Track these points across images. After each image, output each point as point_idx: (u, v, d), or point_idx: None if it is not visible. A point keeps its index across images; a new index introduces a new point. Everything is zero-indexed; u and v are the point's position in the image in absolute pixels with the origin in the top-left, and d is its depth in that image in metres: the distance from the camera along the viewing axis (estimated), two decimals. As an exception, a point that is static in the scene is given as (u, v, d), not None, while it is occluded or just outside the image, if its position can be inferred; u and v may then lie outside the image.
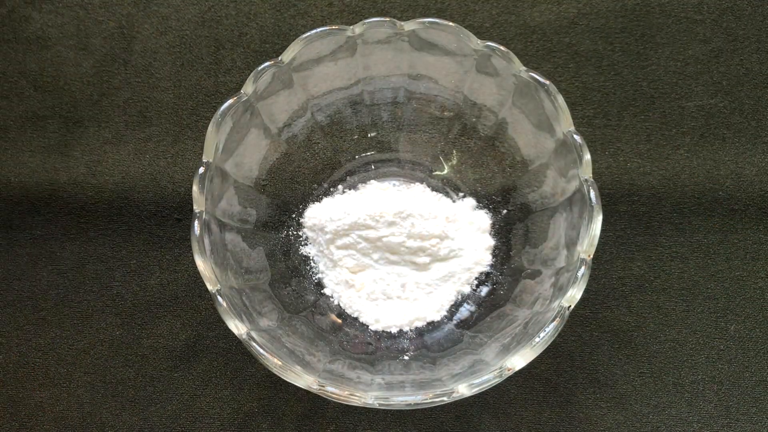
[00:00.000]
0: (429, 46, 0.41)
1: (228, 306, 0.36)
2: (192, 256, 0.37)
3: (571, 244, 0.39)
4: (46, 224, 0.48)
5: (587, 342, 0.46)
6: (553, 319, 0.36)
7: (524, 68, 0.39)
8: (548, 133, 0.40)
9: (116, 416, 0.45)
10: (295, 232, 0.47)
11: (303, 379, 0.35)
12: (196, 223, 0.37)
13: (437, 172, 0.48)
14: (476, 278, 0.45)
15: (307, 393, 0.44)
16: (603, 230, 0.45)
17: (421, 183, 0.48)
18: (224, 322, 0.36)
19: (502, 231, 0.46)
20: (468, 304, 0.45)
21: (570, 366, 0.46)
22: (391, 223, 0.44)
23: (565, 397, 0.46)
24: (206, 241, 0.37)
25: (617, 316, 0.46)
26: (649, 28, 0.50)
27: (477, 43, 0.40)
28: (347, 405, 0.36)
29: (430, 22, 0.40)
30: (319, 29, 0.39)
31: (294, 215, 0.47)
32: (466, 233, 0.45)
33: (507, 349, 0.38)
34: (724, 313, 0.47)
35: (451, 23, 0.40)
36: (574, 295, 0.36)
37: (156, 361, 0.46)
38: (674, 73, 0.49)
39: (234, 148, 0.41)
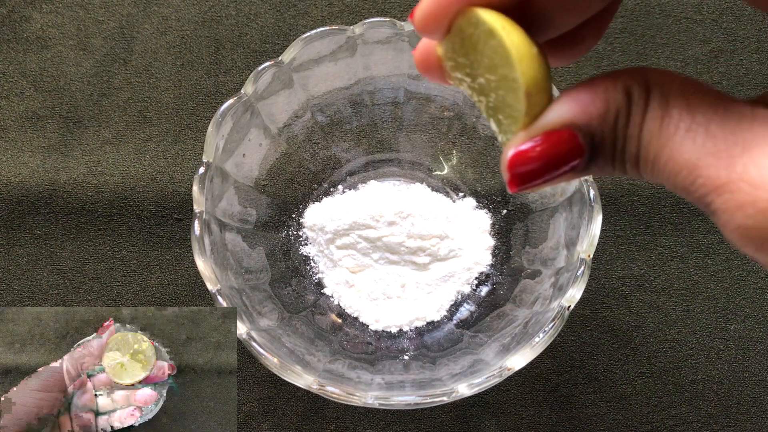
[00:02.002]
0: (429, 46, 0.41)
1: (228, 306, 0.36)
2: (192, 256, 0.37)
3: (571, 244, 0.39)
4: (46, 224, 0.48)
5: (587, 342, 0.46)
6: (553, 319, 0.36)
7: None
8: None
9: (116, 416, 0.46)
10: (295, 232, 0.47)
11: (303, 379, 0.35)
12: (196, 223, 0.37)
13: (437, 172, 0.48)
14: (476, 278, 0.45)
15: (307, 393, 0.44)
16: (603, 230, 0.45)
17: (421, 183, 0.48)
18: (224, 323, 0.36)
19: (502, 231, 0.46)
20: (468, 304, 0.45)
21: (570, 366, 0.46)
22: (391, 223, 0.44)
23: (565, 397, 0.46)
24: (206, 241, 0.37)
25: (617, 316, 0.46)
26: (649, 28, 0.50)
27: (477, 43, 0.40)
28: (347, 405, 0.36)
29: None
30: (319, 29, 0.39)
31: (294, 215, 0.47)
32: (466, 233, 0.46)
33: (507, 349, 0.38)
34: (723, 313, 0.47)
35: (451, 23, 0.40)
36: (574, 295, 0.36)
37: (156, 361, 0.46)
38: (674, 73, 0.49)
39: (234, 148, 0.41)
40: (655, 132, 0.17)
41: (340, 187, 0.48)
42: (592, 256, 0.37)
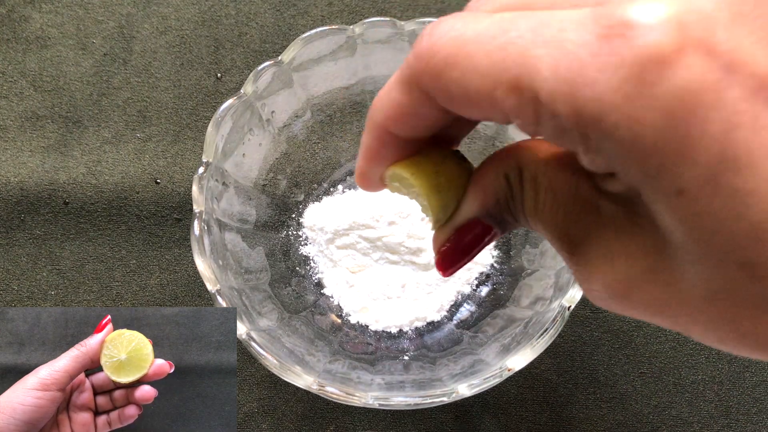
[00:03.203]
0: (429, 46, 0.41)
1: (228, 306, 0.36)
2: (192, 256, 0.37)
3: (572, 244, 0.38)
4: (46, 224, 0.48)
5: (587, 342, 0.46)
6: (554, 319, 0.35)
7: (524, 68, 0.39)
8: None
9: (116, 416, 0.45)
10: (295, 232, 0.47)
11: (303, 379, 0.35)
12: (196, 223, 0.37)
13: (437, 172, 0.48)
14: (476, 278, 0.45)
15: (307, 393, 0.44)
16: (603, 230, 0.45)
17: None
18: (224, 322, 0.36)
19: (502, 231, 0.46)
20: (468, 304, 0.45)
21: (570, 366, 0.46)
22: (391, 223, 0.44)
23: (566, 397, 0.45)
24: (206, 241, 0.37)
25: (617, 316, 0.46)
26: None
27: (477, 42, 0.40)
28: (347, 405, 0.36)
29: (430, 22, 0.40)
30: (319, 29, 0.39)
31: (294, 215, 0.47)
32: (466, 233, 0.45)
33: (507, 349, 0.38)
34: (724, 313, 0.47)
35: (451, 23, 0.40)
36: (575, 295, 0.36)
37: (156, 361, 0.46)
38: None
39: (234, 148, 0.41)
40: (531, 208, 0.21)
41: (340, 187, 0.48)
42: (592, 255, 0.37)
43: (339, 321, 0.45)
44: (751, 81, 0.14)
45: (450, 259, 0.24)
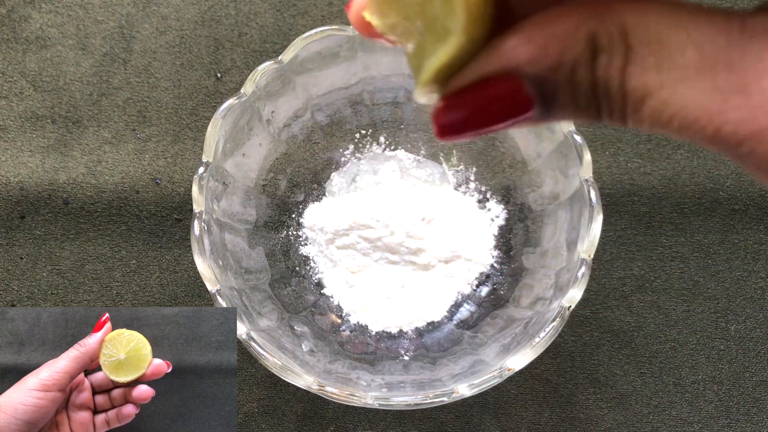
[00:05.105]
0: (429, 46, 0.41)
1: (228, 306, 0.36)
2: (192, 256, 0.37)
3: (572, 244, 0.38)
4: (46, 224, 0.48)
5: (587, 342, 0.46)
6: (554, 320, 0.35)
7: (524, 68, 0.39)
8: (549, 133, 0.40)
9: (116, 416, 0.45)
10: (295, 232, 0.47)
11: (303, 379, 0.35)
12: (195, 223, 0.37)
13: (437, 172, 0.48)
14: (476, 278, 0.45)
15: (307, 393, 0.44)
16: (603, 230, 0.45)
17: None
18: (224, 322, 0.36)
19: (502, 231, 0.46)
20: (468, 304, 0.45)
21: (570, 366, 0.46)
22: (391, 223, 0.44)
23: (566, 398, 0.45)
24: (206, 241, 0.37)
25: (617, 316, 0.46)
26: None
27: (477, 42, 0.40)
28: (347, 405, 0.36)
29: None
30: (319, 29, 0.39)
31: (294, 215, 0.47)
32: (466, 233, 0.45)
33: (507, 350, 0.38)
34: (724, 313, 0.47)
35: (451, 23, 0.40)
36: (575, 295, 0.36)
37: (156, 362, 0.46)
38: (674, 73, 0.49)
39: (234, 148, 0.41)
40: (637, 75, 0.15)
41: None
42: (592, 256, 0.37)
43: (339, 321, 0.45)
44: None
45: (458, 116, 0.16)
